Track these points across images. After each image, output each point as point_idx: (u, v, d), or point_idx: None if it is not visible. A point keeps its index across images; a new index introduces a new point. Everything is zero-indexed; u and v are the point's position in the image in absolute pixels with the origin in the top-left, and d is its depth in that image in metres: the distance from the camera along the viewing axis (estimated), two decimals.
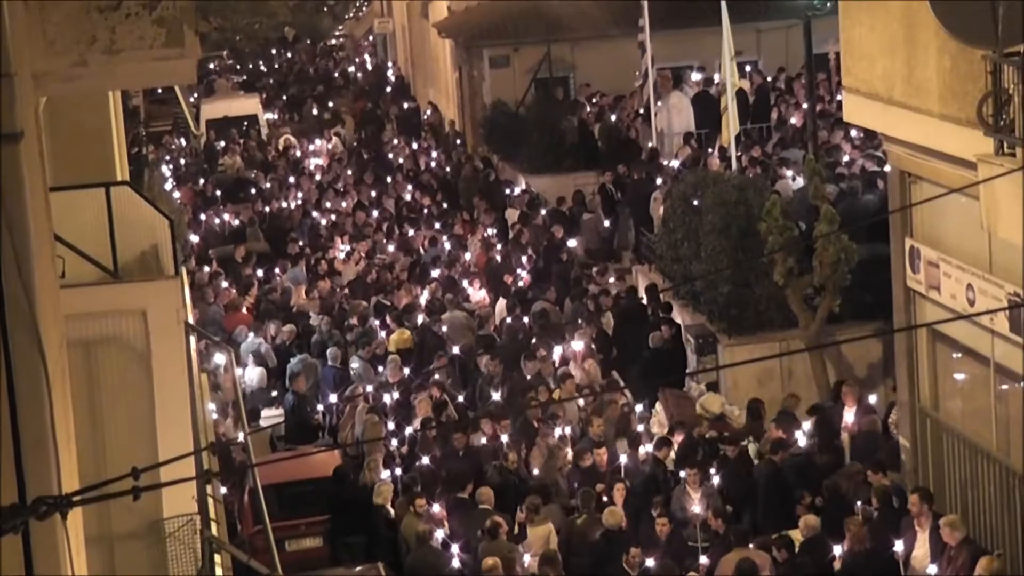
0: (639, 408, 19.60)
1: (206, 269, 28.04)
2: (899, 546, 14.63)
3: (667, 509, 16.37)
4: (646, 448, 18.00)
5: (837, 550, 14.98)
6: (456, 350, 22.08)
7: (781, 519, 16.23)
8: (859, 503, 15.80)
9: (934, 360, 16.90)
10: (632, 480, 17.29)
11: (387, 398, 20.76)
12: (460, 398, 20.74)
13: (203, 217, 33.43)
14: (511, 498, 17.22)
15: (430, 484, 17.80)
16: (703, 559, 15.54)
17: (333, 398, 21.74)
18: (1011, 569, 14.77)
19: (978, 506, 15.99)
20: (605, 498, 16.82)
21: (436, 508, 17.11)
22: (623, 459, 17.69)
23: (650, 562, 15.12)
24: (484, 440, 18.77)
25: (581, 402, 19.55)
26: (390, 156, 38.82)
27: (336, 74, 62.17)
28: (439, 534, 16.29)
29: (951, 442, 16.60)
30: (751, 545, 15.25)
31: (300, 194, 35.14)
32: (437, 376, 20.93)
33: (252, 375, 22.78)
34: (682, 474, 16.96)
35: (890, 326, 17.98)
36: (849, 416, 18.24)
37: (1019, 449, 14.95)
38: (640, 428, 18.99)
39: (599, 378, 21.22)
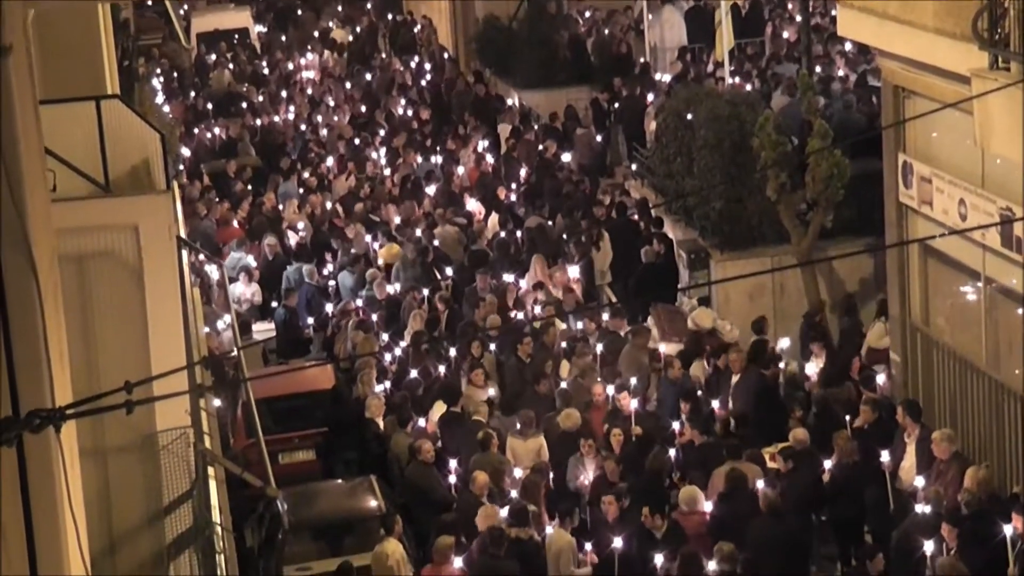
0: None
1: (197, 184, 27.95)
2: (886, 457, 14.74)
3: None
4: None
5: (827, 463, 15.10)
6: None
7: (771, 433, 16.32)
8: (848, 416, 15.86)
9: (925, 275, 16.93)
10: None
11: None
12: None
13: (195, 131, 33.26)
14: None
15: (420, 399, 17.86)
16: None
17: (328, 308, 21.81)
18: (997, 481, 14.89)
19: (967, 419, 16.10)
20: (635, 438, 15.96)
21: (423, 423, 17.21)
22: (633, 403, 16.62)
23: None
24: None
25: (560, 323, 19.41)
26: (381, 70, 38.52)
27: None
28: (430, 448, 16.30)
29: (941, 356, 16.68)
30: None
31: (292, 108, 34.93)
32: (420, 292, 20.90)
33: (246, 292, 22.80)
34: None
35: (882, 242, 17.97)
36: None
37: (1008, 363, 15.04)
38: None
39: (579, 299, 21.03)
